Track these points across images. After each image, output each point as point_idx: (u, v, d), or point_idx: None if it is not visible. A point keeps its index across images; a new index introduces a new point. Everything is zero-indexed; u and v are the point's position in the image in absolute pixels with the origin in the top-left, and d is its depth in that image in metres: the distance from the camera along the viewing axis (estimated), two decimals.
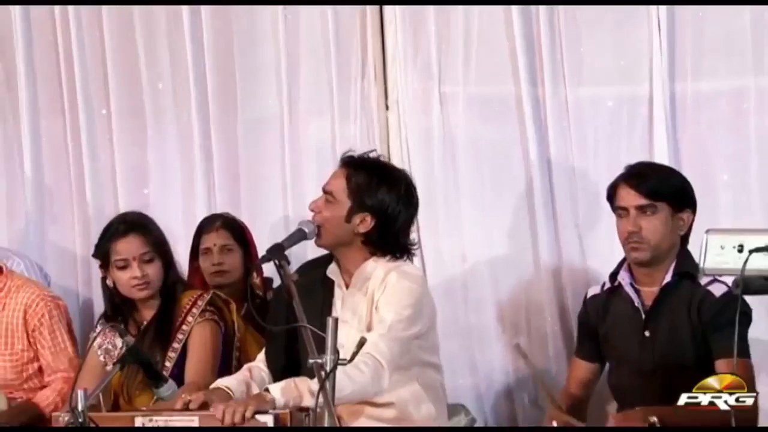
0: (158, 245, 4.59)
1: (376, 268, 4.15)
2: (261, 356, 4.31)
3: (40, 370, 4.87)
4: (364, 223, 4.15)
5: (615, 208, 4.30)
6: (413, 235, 4.27)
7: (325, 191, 4.19)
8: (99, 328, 4.68)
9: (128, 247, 4.56)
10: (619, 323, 4.32)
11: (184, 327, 4.54)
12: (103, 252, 4.60)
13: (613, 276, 4.36)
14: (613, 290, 4.36)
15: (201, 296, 4.60)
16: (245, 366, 4.30)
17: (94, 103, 5.53)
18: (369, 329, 4.07)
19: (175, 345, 4.53)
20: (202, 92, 5.39)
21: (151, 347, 4.48)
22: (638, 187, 4.22)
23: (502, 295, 5.13)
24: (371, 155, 4.23)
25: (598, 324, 4.39)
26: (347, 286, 4.21)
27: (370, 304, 4.12)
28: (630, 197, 4.23)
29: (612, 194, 4.30)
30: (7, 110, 5.65)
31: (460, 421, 4.79)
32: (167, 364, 4.50)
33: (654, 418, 3.87)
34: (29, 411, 4.77)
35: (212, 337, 4.55)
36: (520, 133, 5.10)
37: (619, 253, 4.39)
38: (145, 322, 4.59)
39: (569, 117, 5.06)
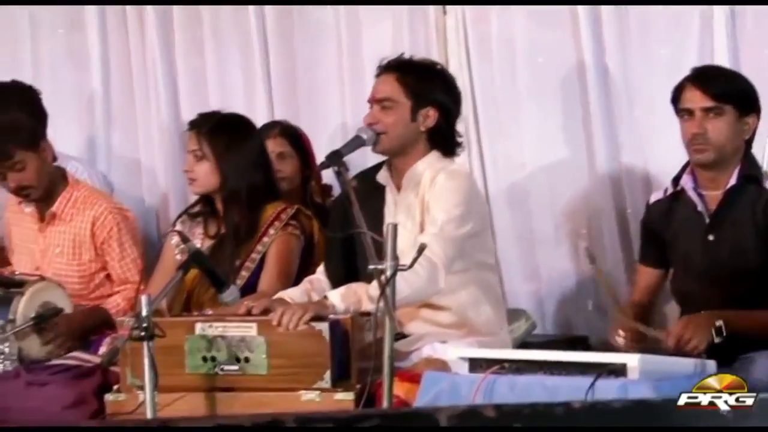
0: (216, 147, 4.39)
1: (426, 170, 4.03)
2: (321, 268, 4.20)
3: (108, 278, 4.73)
4: (430, 117, 4.06)
5: (679, 110, 4.05)
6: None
7: (377, 100, 4.06)
8: (179, 226, 4.53)
9: (189, 140, 4.47)
10: (682, 228, 4.09)
11: (264, 239, 4.37)
12: None
13: (676, 180, 4.13)
14: (676, 195, 4.12)
15: (285, 210, 4.40)
16: (306, 279, 4.19)
17: (157, 13, 5.40)
18: (422, 230, 3.95)
19: (254, 256, 4.36)
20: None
21: (232, 255, 4.34)
22: (705, 88, 3.98)
23: (561, 201, 4.93)
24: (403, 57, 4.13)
25: (663, 229, 4.16)
26: (399, 189, 4.08)
27: (422, 206, 4.01)
28: (696, 99, 3.99)
29: (677, 96, 4.05)
30: (76, 22, 5.54)
31: (521, 326, 4.64)
32: (244, 273, 4.34)
33: (720, 322, 3.70)
34: (98, 314, 4.63)
35: (291, 250, 4.37)
36: (574, 39, 4.86)
37: (679, 158, 4.16)
38: (223, 228, 4.43)
39: (630, 23, 4.80)
